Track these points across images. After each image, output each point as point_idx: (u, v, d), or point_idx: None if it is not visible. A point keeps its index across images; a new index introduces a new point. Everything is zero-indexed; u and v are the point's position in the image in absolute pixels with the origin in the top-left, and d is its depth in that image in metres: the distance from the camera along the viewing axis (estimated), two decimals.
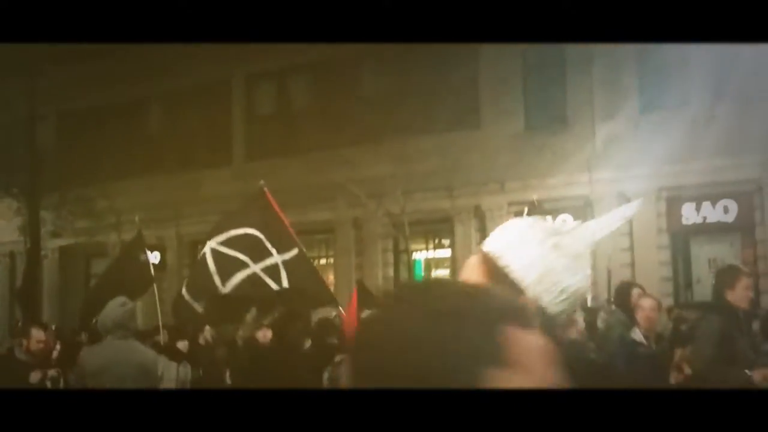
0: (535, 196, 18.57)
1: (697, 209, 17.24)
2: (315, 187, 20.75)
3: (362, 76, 21.98)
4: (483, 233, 19.51)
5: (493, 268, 2.05)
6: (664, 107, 17.51)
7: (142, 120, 25.53)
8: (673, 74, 17.49)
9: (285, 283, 7.56)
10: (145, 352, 6.82)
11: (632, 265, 17.56)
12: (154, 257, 21.91)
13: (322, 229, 21.98)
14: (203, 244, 8.45)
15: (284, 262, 7.73)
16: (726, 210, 16.98)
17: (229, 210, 8.54)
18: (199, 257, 8.45)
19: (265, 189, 8.39)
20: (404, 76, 20.84)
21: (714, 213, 17.10)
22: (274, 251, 7.77)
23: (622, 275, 17.08)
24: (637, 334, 7.19)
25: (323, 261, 23.01)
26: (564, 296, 2.03)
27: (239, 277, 7.65)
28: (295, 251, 7.95)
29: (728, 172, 16.51)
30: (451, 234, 20.37)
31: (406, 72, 20.79)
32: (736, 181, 16.60)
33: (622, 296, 8.82)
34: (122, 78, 24.07)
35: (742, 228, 17.07)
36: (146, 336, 11.19)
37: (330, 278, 22.32)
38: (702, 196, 17.10)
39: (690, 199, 17.30)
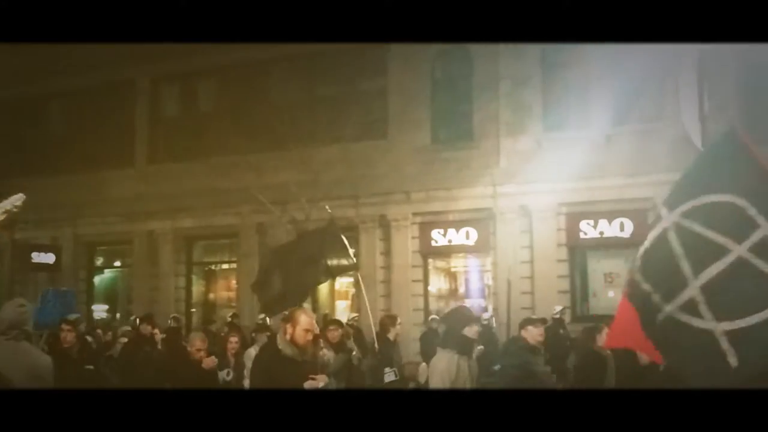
0: (439, 208, 18.92)
1: (595, 225, 17.73)
2: (220, 192, 20.51)
3: (271, 82, 21.83)
4: (387, 242, 19.64)
5: None
6: (567, 127, 17.96)
7: (41, 118, 24.79)
8: (576, 96, 17.97)
9: None
10: (39, 356, 6.60)
11: (532, 277, 17.92)
12: (49, 258, 21.34)
13: (225, 234, 21.76)
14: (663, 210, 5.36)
15: None
16: (622, 227, 17.50)
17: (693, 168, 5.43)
18: (655, 233, 5.54)
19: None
20: (313, 85, 20.84)
21: (611, 229, 17.60)
22: (761, 219, 4.94)
23: (522, 287, 17.46)
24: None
25: (225, 266, 22.79)
26: None
27: (718, 267, 4.98)
28: None
29: (625, 190, 17.03)
30: (355, 242, 20.38)
31: (315, 80, 20.80)
32: (632, 199, 17.11)
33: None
34: (21, 74, 23.35)
35: (638, 244, 17.49)
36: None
37: (232, 283, 22.13)
38: (600, 212, 17.59)
39: (588, 216, 17.78)
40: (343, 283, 21.57)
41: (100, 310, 24.11)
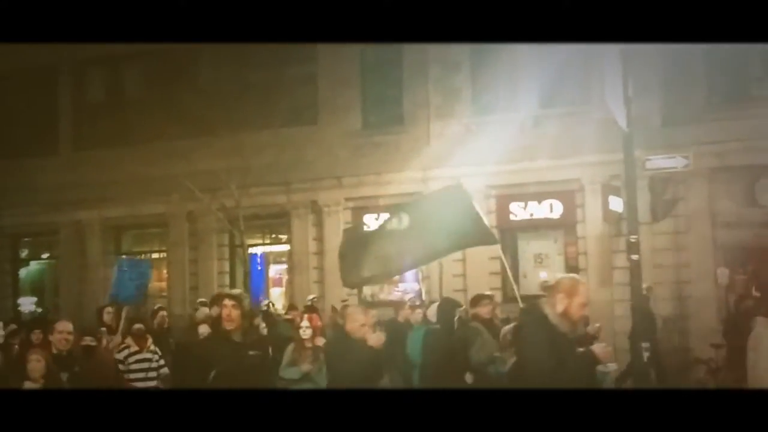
0: (371, 192, 18.95)
1: (525, 207, 17.99)
2: (148, 180, 20.18)
3: (200, 67, 21.50)
4: (320, 228, 19.60)
5: None
6: (495, 111, 18.18)
7: None
8: (504, 80, 18.17)
9: None
10: None
11: (463, 260, 18.07)
12: None
13: (154, 223, 21.44)
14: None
15: None
16: (551, 208, 17.80)
17: None
18: None
19: None
20: (242, 70, 20.59)
21: (540, 210, 17.90)
22: None
23: (453, 270, 17.61)
24: None
25: (156, 255, 22.44)
26: None
27: None
28: None
29: (553, 172, 17.32)
30: (288, 229, 20.32)
31: (244, 66, 20.54)
32: (561, 180, 17.43)
33: None
34: None
35: (566, 225, 17.93)
36: None
37: (163, 273, 21.82)
38: (529, 194, 17.85)
39: (518, 198, 18.03)
40: (277, 270, 21.46)
41: (27, 303, 23.55)
